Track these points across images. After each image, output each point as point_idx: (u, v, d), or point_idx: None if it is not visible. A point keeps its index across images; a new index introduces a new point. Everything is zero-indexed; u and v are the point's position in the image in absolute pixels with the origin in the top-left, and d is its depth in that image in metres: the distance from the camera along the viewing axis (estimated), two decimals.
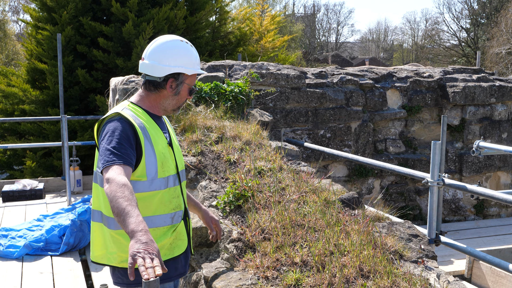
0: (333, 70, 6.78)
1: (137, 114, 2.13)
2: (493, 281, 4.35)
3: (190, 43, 2.28)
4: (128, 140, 2.01)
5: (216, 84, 4.99)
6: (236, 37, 11.47)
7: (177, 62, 2.17)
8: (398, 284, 2.15)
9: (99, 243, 2.16)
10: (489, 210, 7.25)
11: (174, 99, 2.21)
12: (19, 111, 9.66)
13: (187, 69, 2.18)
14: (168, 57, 2.17)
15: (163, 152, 2.14)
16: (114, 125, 2.03)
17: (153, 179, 2.09)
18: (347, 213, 2.81)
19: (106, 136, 2.01)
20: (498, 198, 3.33)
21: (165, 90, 2.18)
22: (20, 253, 4.65)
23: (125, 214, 1.76)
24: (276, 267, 2.30)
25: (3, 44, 23.19)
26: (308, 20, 42.97)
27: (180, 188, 2.24)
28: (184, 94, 2.22)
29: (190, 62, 2.20)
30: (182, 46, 2.22)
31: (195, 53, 2.25)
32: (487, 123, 7.08)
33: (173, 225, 2.17)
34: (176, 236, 2.18)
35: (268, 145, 3.83)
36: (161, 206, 2.13)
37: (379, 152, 6.81)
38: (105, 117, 2.12)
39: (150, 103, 2.20)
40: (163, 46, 2.21)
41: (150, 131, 2.12)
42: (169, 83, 2.17)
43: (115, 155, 1.94)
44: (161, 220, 2.12)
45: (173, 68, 2.16)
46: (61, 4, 9.55)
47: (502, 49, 24.16)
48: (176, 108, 2.24)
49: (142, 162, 2.06)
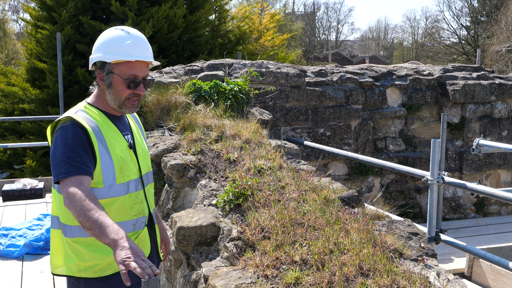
0: (332, 69, 6.78)
1: (92, 117, 1.99)
2: (493, 279, 4.35)
3: (131, 31, 2.03)
4: (83, 146, 1.88)
5: (216, 82, 4.99)
6: (236, 35, 11.46)
7: (99, 49, 1.98)
8: (398, 282, 2.15)
9: (58, 252, 2.05)
10: (489, 208, 7.25)
11: (111, 93, 1.99)
12: (19, 110, 9.66)
13: (106, 56, 1.95)
14: (95, 47, 2.02)
15: (121, 156, 2.00)
16: (66, 132, 1.89)
17: (111, 185, 1.96)
18: (347, 212, 2.81)
19: (59, 144, 1.88)
20: (498, 196, 3.33)
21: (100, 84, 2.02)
22: (20, 252, 4.65)
23: (99, 226, 1.70)
24: (276, 265, 2.30)
25: (2, 43, 23.18)
26: (308, 18, 42.93)
27: (143, 193, 2.12)
28: (118, 87, 1.98)
29: (113, 48, 1.95)
30: (109, 32, 2.01)
31: (126, 39, 1.98)
32: (487, 121, 7.07)
33: (135, 232, 2.06)
34: (138, 243, 2.07)
35: (268, 143, 3.83)
36: (122, 213, 2.01)
37: (379, 151, 6.81)
38: (58, 121, 1.97)
39: (102, 102, 2.05)
40: (98, 38, 2.04)
41: (105, 134, 1.98)
42: (98, 76, 2.00)
43: (71, 166, 1.83)
44: (122, 227, 1.92)
45: (94, 58, 2.00)
46: (61, 3, 9.55)
47: (502, 47, 24.14)
48: (120, 104, 2.01)
49: (98, 168, 1.93)
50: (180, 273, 3.03)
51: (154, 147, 4.06)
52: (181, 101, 4.66)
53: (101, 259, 1.99)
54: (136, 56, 1.97)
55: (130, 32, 2.01)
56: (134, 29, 2.06)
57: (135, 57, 1.97)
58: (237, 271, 2.35)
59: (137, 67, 1.99)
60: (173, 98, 4.68)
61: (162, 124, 4.55)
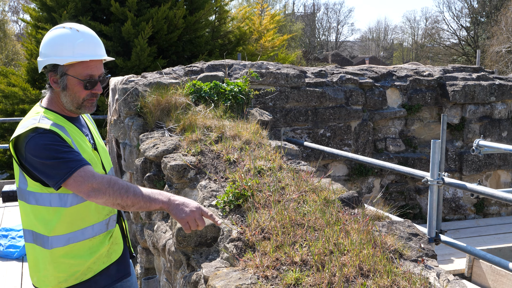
0: (332, 69, 6.78)
1: (55, 121, 1.90)
2: (493, 279, 4.35)
3: (80, 28, 1.94)
4: (64, 143, 1.82)
5: (216, 83, 4.99)
6: (236, 36, 11.47)
7: (49, 51, 1.89)
8: (397, 283, 2.15)
9: (32, 266, 2.01)
10: (489, 208, 7.25)
11: (67, 96, 1.93)
12: (19, 111, 9.67)
13: (58, 58, 1.86)
14: (43, 48, 1.92)
15: (89, 159, 1.94)
16: (41, 139, 1.78)
17: None
18: (347, 212, 2.81)
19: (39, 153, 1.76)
20: (498, 197, 3.33)
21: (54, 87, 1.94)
22: (20, 253, 4.65)
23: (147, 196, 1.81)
24: (276, 266, 2.30)
25: (3, 44, 23.19)
26: (308, 19, 42.96)
27: None
28: (75, 89, 1.91)
29: (65, 50, 1.86)
30: (58, 33, 1.90)
31: (76, 36, 1.89)
32: (487, 122, 7.08)
33: (109, 231, 2.07)
34: (113, 241, 2.09)
35: (267, 144, 3.83)
36: (96, 214, 2.00)
37: (379, 151, 6.81)
38: (20, 135, 1.83)
39: (58, 105, 1.97)
40: (44, 38, 1.94)
41: (74, 138, 1.92)
42: (51, 79, 1.93)
43: (70, 162, 1.77)
44: (97, 228, 1.99)
45: (44, 60, 1.91)
46: (61, 4, 9.55)
47: (502, 47, 24.15)
48: (78, 106, 1.96)
49: None
50: (180, 274, 3.03)
51: (154, 148, 4.06)
52: (181, 102, 4.66)
53: (80, 265, 1.98)
54: (90, 55, 1.89)
55: (79, 29, 1.92)
56: (82, 26, 1.97)
57: (89, 57, 1.89)
58: (237, 272, 2.35)
59: (93, 66, 1.91)
60: (173, 99, 4.69)
61: (162, 125, 4.55)
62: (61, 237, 1.91)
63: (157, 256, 3.86)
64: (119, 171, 5.68)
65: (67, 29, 1.91)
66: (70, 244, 1.91)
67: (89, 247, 1.97)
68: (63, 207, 1.88)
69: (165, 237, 3.42)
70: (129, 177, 5.28)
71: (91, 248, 1.97)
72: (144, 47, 8.95)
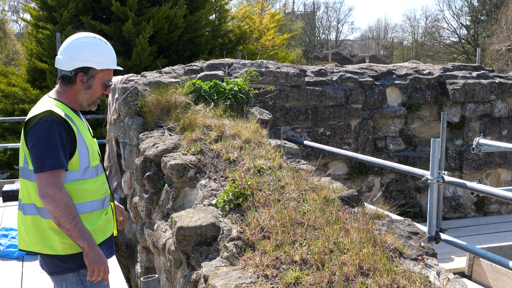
0: (332, 68, 6.78)
1: (64, 110, 2.25)
2: (493, 278, 4.35)
3: (105, 41, 2.38)
4: (61, 142, 2.15)
5: (216, 82, 4.99)
6: (236, 35, 11.46)
7: (85, 56, 2.27)
8: (397, 282, 2.15)
9: (34, 235, 2.26)
10: (489, 207, 7.25)
11: (87, 93, 2.32)
12: (19, 110, 9.66)
13: (96, 64, 2.28)
14: (77, 52, 2.28)
15: (91, 144, 2.32)
16: (48, 127, 2.13)
17: (86, 168, 2.27)
18: (347, 211, 2.81)
19: (42, 138, 2.12)
20: (498, 195, 3.33)
21: (77, 84, 2.29)
22: (21, 252, 4.65)
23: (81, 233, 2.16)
24: (276, 265, 2.30)
25: (3, 44, 23.18)
26: (308, 18, 42.91)
27: (105, 175, 2.46)
28: (97, 89, 2.32)
29: (99, 57, 2.29)
30: (92, 42, 2.32)
31: (108, 49, 2.34)
32: (487, 120, 7.07)
33: (104, 209, 2.40)
34: (107, 219, 2.41)
35: (267, 143, 3.83)
36: (95, 192, 2.33)
37: (379, 150, 6.81)
38: (36, 116, 2.17)
39: (68, 98, 2.32)
40: (74, 42, 2.31)
41: (78, 125, 2.28)
42: (79, 77, 2.28)
43: (54, 160, 2.11)
44: (95, 205, 2.32)
45: (80, 62, 2.26)
46: (62, 3, 9.54)
47: (502, 46, 24.12)
48: (91, 102, 2.35)
49: (76, 154, 2.23)
50: (180, 273, 3.03)
51: (154, 147, 4.06)
52: (181, 101, 4.65)
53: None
54: (115, 65, 2.37)
55: (107, 43, 2.37)
56: (105, 39, 2.40)
57: (116, 67, 2.36)
58: (237, 271, 2.35)
59: (112, 74, 2.37)
60: (172, 98, 4.68)
61: (161, 124, 4.55)
62: None
63: (157, 255, 3.86)
64: (119, 170, 5.68)
65: (98, 39, 2.32)
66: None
67: (88, 219, 2.27)
68: (63, 182, 2.18)
69: (165, 236, 3.42)
70: (129, 176, 5.28)
71: (90, 220, 2.28)
72: (145, 47, 8.95)
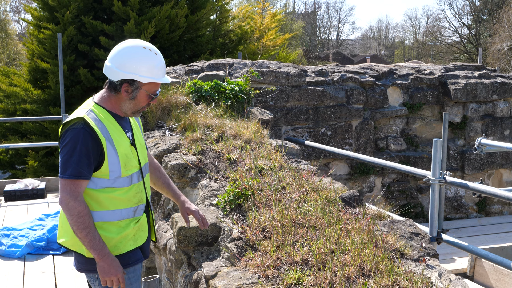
0: (333, 68, 6.77)
1: (100, 117, 2.21)
2: (495, 279, 4.34)
3: (156, 51, 2.27)
4: (87, 152, 2.13)
5: (216, 82, 4.98)
6: (237, 35, 11.46)
7: (132, 68, 2.19)
8: (399, 283, 2.14)
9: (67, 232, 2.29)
10: (491, 207, 7.23)
11: (131, 103, 2.26)
12: (21, 110, 9.67)
13: (141, 77, 2.19)
14: (124, 62, 2.20)
15: (125, 153, 2.26)
16: (77, 135, 2.13)
17: (117, 178, 2.23)
18: (348, 212, 2.80)
19: (69, 144, 2.13)
20: (500, 196, 3.32)
21: (121, 93, 2.23)
22: (22, 252, 4.66)
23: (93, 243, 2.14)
24: (277, 266, 2.29)
25: (4, 44, 23.22)
26: (309, 18, 42.88)
27: (143, 183, 2.38)
28: (142, 100, 2.26)
29: (147, 69, 2.20)
30: (141, 53, 2.22)
31: (156, 61, 2.24)
32: (489, 120, 7.05)
33: (135, 217, 2.34)
34: (139, 228, 2.36)
35: (268, 143, 3.83)
36: (125, 201, 2.28)
37: (381, 150, 6.80)
38: (69, 121, 2.19)
39: (112, 104, 2.27)
40: (123, 51, 2.23)
41: (112, 134, 2.22)
42: (123, 88, 2.22)
43: (75, 169, 2.12)
44: (125, 213, 2.28)
45: (126, 74, 2.19)
46: (63, 4, 9.56)
47: (504, 45, 24.08)
48: (135, 111, 2.30)
49: (105, 164, 2.19)
50: (181, 273, 3.02)
51: (155, 147, 4.06)
52: (182, 101, 4.65)
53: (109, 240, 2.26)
54: (163, 79, 2.29)
55: (156, 53, 2.26)
56: (155, 48, 2.29)
57: (162, 81, 2.28)
58: (238, 271, 2.34)
59: (159, 85, 2.30)
60: (173, 98, 4.68)
61: (162, 124, 4.55)
62: (94, 213, 2.22)
63: (158, 255, 3.86)
64: None
65: (147, 50, 2.23)
66: (101, 221, 2.23)
67: (117, 227, 2.27)
68: (92, 188, 2.20)
69: (166, 236, 3.42)
70: None
71: (118, 228, 2.27)
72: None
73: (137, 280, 2.40)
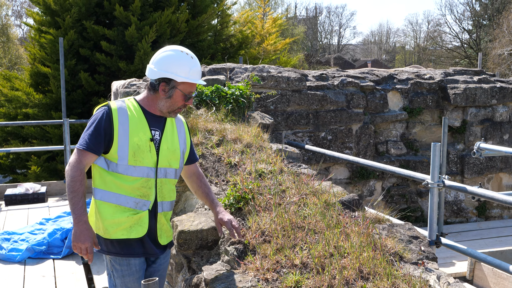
0: (334, 73, 6.80)
1: (128, 107, 2.43)
2: (495, 282, 4.34)
3: (192, 55, 2.48)
4: (98, 129, 2.35)
5: (217, 87, 5.01)
6: (238, 40, 11.50)
7: (168, 68, 2.40)
8: (397, 286, 2.15)
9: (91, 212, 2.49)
10: (491, 211, 7.24)
11: (168, 102, 2.44)
12: (22, 115, 9.70)
13: (177, 76, 2.40)
14: (162, 63, 2.42)
15: (138, 144, 2.40)
16: (97, 115, 2.38)
17: (124, 164, 2.38)
18: (347, 215, 2.82)
19: (90, 122, 2.40)
20: (499, 200, 3.33)
21: (159, 92, 2.44)
22: (23, 256, 4.67)
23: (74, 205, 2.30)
24: (276, 269, 2.31)
25: (6, 48, 23.30)
26: (310, 23, 42.97)
27: (155, 182, 2.46)
28: (177, 99, 2.44)
29: (182, 70, 2.41)
30: (178, 55, 2.44)
31: (191, 63, 2.44)
32: (489, 125, 7.07)
33: (136, 210, 2.42)
34: (137, 222, 2.42)
35: (269, 147, 3.85)
36: (128, 189, 2.40)
37: (381, 154, 6.82)
38: (99, 105, 2.47)
39: (149, 102, 2.48)
40: (162, 54, 2.46)
41: (131, 121, 2.41)
42: (161, 87, 2.43)
43: (86, 143, 2.34)
44: (123, 199, 2.40)
45: (163, 73, 2.40)
46: (65, 8, 9.60)
47: (504, 50, 24.12)
48: (171, 111, 2.48)
49: (114, 146, 2.37)
50: (181, 276, 3.04)
51: None
52: None
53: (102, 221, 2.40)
54: (197, 80, 2.48)
55: (192, 57, 2.47)
56: (193, 54, 2.50)
57: (197, 81, 2.47)
58: (238, 274, 2.36)
59: (194, 86, 2.49)
60: None
61: None
62: (97, 190, 2.41)
63: None
64: None
65: (184, 53, 2.44)
66: (101, 200, 2.40)
67: (112, 210, 2.39)
68: (104, 169, 2.39)
69: None
70: None
71: (113, 212, 2.39)
72: (147, 51, 8.98)
73: (131, 275, 2.44)
